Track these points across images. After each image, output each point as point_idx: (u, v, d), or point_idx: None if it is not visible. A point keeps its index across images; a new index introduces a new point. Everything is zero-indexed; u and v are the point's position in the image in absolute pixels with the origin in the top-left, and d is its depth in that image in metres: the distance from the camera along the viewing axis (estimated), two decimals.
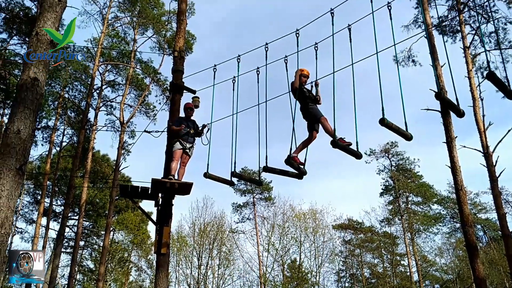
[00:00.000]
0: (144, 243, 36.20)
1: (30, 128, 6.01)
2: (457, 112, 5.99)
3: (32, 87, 6.19)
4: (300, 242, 37.19)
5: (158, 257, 8.11)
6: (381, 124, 5.76)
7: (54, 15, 6.78)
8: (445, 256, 39.72)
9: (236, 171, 7.72)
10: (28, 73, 6.26)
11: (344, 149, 6.43)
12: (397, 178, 39.82)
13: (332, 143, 6.27)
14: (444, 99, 5.74)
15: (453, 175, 12.93)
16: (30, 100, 6.10)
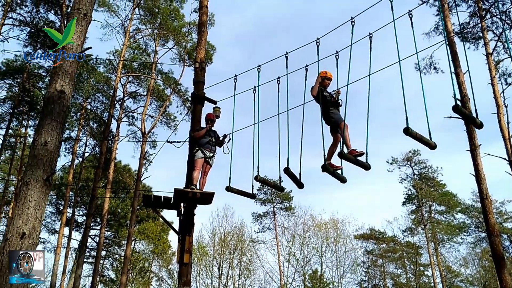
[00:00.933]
0: (165, 253, 36.39)
1: (56, 140, 6.14)
2: (476, 124, 5.93)
3: (58, 99, 6.33)
4: (321, 252, 36.91)
5: (181, 267, 8.14)
6: (405, 133, 5.71)
7: (80, 29, 6.94)
8: (470, 266, 38.86)
9: (260, 176, 7.72)
10: (55, 86, 6.40)
11: (352, 160, 6.42)
12: (420, 186, 39.23)
13: (340, 154, 6.26)
14: (461, 112, 5.64)
15: (478, 184, 12.69)
16: (57, 112, 6.24)
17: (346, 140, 6.68)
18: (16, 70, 23.45)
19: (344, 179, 7.01)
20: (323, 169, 6.59)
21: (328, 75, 7.43)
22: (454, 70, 12.39)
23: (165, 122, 26.79)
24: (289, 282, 35.83)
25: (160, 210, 9.89)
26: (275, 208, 40.39)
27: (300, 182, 7.34)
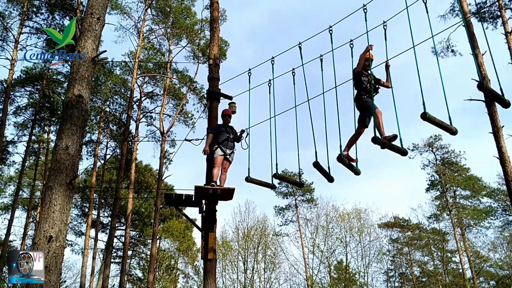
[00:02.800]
0: (190, 250, 36.72)
1: (77, 144, 6.24)
2: (503, 103, 5.75)
3: (77, 104, 6.42)
4: (346, 242, 36.69)
5: (205, 263, 8.21)
6: (423, 118, 5.61)
7: (94, 34, 7.02)
8: (499, 251, 38.18)
9: (278, 173, 7.68)
10: (73, 91, 6.50)
11: (387, 145, 6.25)
12: (443, 172, 38.67)
13: (373, 139, 6.12)
14: (487, 90, 5.51)
15: (502, 166, 12.47)
16: (76, 117, 6.33)
17: (379, 127, 6.52)
18: (35, 77, 23.88)
19: (358, 171, 6.91)
20: (338, 160, 6.52)
21: (370, 56, 6.98)
22: (472, 51, 12.15)
23: (182, 121, 26.97)
24: (314, 274, 35.81)
25: (182, 208, 9.97)
26: (296, 200, 40.37)
27: (330, 176, 7.22)
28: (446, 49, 20.03)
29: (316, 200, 40.39)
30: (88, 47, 6.84)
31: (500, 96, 5.58)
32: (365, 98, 6.88)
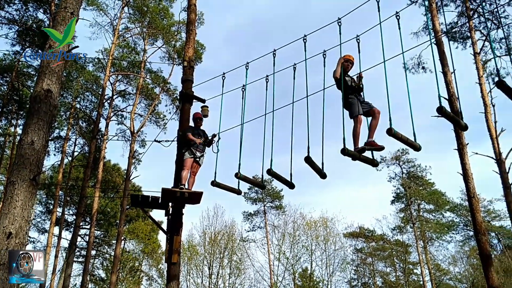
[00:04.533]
0: (155, 252, 36.30)
1: (43, 139, 6.11)
2: (459, 126, 5.95)
3: (45, 98, 6.29)
4: (311, 250, 37.04)
5: (169, 266, 8.13)
6: (388, 134, 5.72)
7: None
8: (459, 264, 39.20)
9: (241, 173, 7.61)
10: (42, 85, 6.37)
11: (356, 157, 6.36)
12: (409, 185, 39.50)
13: (342, 151, 6.18)
14: (446, 114, 5.64)
15: (465, 182, 12.82)
16: (43, 111, 6.21)
17: (355, 136, 6.55)
18: (4, 69, 23.22)
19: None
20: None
21: (350, 58, 7.13)
22: (441, 69, 12.49)
23: (154, 121, 26.72)
24: (279, 281, 35.92)
25: (148, 210, 9.88)
26: (265, 207, 40.48)
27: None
28: (417, 65, 20.55)
29: (284, 207, 40.62)
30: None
31: (458, 119, 5.76)
32: (351, 98, 6.86)
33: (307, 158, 6.78)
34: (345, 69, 7.09)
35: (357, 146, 6.52)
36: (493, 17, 18.46)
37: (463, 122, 5.78)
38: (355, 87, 6.97)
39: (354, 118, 6.70)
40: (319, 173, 6.97)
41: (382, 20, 6.56)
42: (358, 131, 6.60)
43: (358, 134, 6.60)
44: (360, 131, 6.63)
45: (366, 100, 6.97)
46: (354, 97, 6.87)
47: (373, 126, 6.60)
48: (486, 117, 16.40)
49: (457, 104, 11.41)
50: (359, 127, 6.64)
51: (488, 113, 16.38)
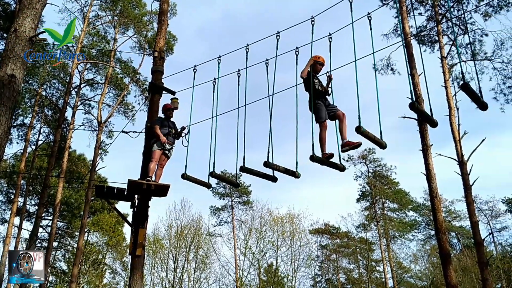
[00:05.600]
0: (120, 245, 35.77)
1: (5, 126, 5.92)
2: (431, 123, 6.10)
3: (9, 84, 6.09)
4: (277, 246, 37.30)
5: (133, 259, 8.03)
6: (357, 132, 5.83)
7: (34, 12, 6.70)
8: (419, 262, 40.34)
9: (215, 171, 7.62)
10: (5, 70, 6.16)
11: (325, 163, 6.46)
12: (374, 184, 40.28)
13: (311, 158, 6.26)
14: (418, 109, 5.81)
15: (428, 183, 13.16)
16: (6, 97, 6.01)
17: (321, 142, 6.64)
18: None
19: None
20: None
21: (320, 60, 7.12)
22: (410, 71, 12.74)
23: (122, 112, 26.26)
24: (244, 275, 36.06)
25: (114, 201, 9.73)
26: (233, 202, 40.51)
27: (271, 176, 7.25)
28: (387, 67, 20.90)
29: (252, 203, 40.76)
30: (26, 26, 6.51)
31: (429, 116, 5.91)
32: (317, 103, 6.87)
33: (266, 163, 6.83)
34: (315, 71, 7.13)
35: (324, 152, 6.63)
36: (460, 23, 18.96)
37: (434, 119, 5.93)
38: (322, 91, 7.01)
39: (320, 124, 6.79)
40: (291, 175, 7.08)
41: (354, 20, 6.64)
42: (324, 137, 6.71)
43: (324, 139, 6.72)
44: (326, 136, 6.74)
45: (332, 104, 7.04)
46: (320, 102, 6.91)
47: (342, 128, 6.70)
48: (450, 120, 16.84)
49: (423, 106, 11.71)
50: (325, 133, 6.76)
51: (453, 116, 16.82)
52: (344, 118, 6.72)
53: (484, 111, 5.56)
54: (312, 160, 6.25)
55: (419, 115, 5.79)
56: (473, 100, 5.50)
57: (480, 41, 19.55)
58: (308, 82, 6.92)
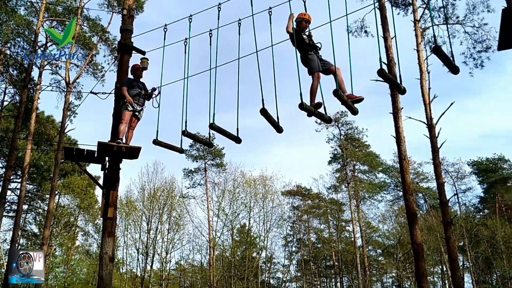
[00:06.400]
0: (92, 208, 35.61)
1: None
2: (398, 89, 6.12)
3: None
4: (250, 207, 37.86)
5: (105, 221, 8.01)
6: (334, 95, 5.81)
7: None
8: (387, 222, 41.69)
9: (188, 131, 7.48)
10: None
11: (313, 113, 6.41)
12: (346, 147, 40.90)
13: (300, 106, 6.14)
14: (385, 76, 5.77)
15: (398, 145, 13.42)
16: None
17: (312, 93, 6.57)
18: None
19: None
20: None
21: (306, 17, 7.04)
22: (382, 34, 12.74)
23: (91, 72, 25.52)
24: (217, 236, 36.61)
25: (85, 164, 9.59)
26: (206, 164, 40.56)
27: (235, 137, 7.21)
28: (360, 29, 20.82)
29: (225, 165, 40.96)
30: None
31: (396, 82, 5.92)
32: (310, 55, 6.79)
33: (263, 110, 6.71)
34: (302, 28, 7.06)
35: (313, 102, 6.59)
36: None
37: (401, 85, 5.94)
38: (311, 45, 6.96)
39: (313, 75, 6.73)
40: (275, 126, 6.97)
41: None
42: (315, 88, 6.67)
43: (316, 90, 6.67)
44: (317, 88, 6.69)
45: (324, 58, 6.99)
46: (313, 53, 6.86)
47: (340, 81, 6.59)
48: (421, 83, 17.03)
49: (395, 69, 11.79)
50: (317, 84, 6.70)
51: (423, 80, 17.00)
52: (339, 72, 6.63)
53: (455, 75, 5.61)
54: (301, 108, 6.16)
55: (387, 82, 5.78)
56: (445, 64, 5.53)
57: (452, 4, 19.65)
58: (295, 36, 6.81)
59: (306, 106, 6.24)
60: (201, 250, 39.12)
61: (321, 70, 6.78)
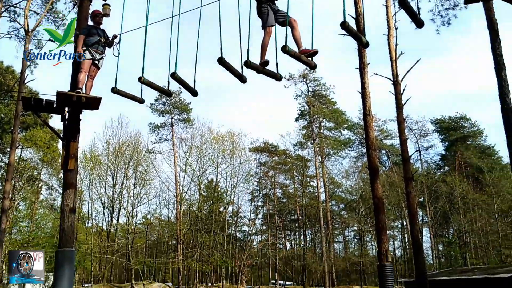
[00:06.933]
0: (55, 161, 34.92)
1: None
2: (361, 42, 6.02)
3: None
4: (217, 163, 38.04)
5: (65, 173, 7.84)
6: (282, 51, 5.63)
7: None
8: (351, 178, 42.82)
9: (145, 78, 7.08)
10: None
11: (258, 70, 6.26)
12: (313, 103, 41.13)
13: (245, 63, 6.04)
14: (348, 29, 5.64)
15: (363, 101, 13.54)
16: None
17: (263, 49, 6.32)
18: None
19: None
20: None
21: None
22: None
23: (52, 20, 24.36)
24: (184, 191, 36.79)
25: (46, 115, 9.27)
26: (173, 119, 40.11)
27: (193, 90, 7.06)
28: None
29: (192, 121, 40.66)
30: None
31: (359, 36, 5.81)
32: (264, 7, 6.52)
33: (220, 59, 6.47)
34: None
35: (263, 59, 6.41)
36: None
37: (364, 39, 5.86)
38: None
39: (264, 29, 6.46)
40: (237, 76, 6.74)
41: None
42: (266, 43, 6.42)
43: (266, 46, 6.41)
44: (268, 43, 6.46)
45: (281, 10, 6.73)
46: (267, 6, 6.54)
47: (296, 36, 6.37)
48: (389, 40, 17.05)
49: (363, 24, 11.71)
50: (268, 39, 6.44)
51: (391, 36, 17.02)
52: (296, 25, 6.43)
53: (419, 28, 5.60)
54: (246, 66, 6.04)
55: (350, 35, 5.66)
56: (410, 16, 5.49)
57: None
58: None
59: (251, 64, 6.07)
60: (168, 204, 39.38)
61: (277, 23, 6.47)
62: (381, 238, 12.78)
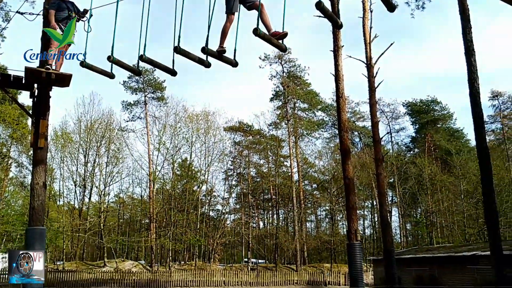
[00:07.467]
0: (25, 138, 34.15)
1: None
2: (335, 23, 6.05)
3: None
4: (192, 142, 37.90)
5: (35, 151, 7.75)
6: (254, 34, 5.62)
7: None
8: (323, 159, 43.35)
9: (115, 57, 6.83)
10: None
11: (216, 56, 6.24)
12: (288, 84, 41.23)
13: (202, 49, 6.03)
14: (323, 9, 5.65)
15: (336, 83, 13.68)
16: None
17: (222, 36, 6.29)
18: None
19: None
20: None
21: None
22: None
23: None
24: (158, 170, 36.60)
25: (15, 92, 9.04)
26: (146, 97, 39.60)
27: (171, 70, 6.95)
28: None
29: (166, 99, 40.25)
30: None
31: (333, 16, 5.83)
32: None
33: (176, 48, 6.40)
34: None
35: (221, 45, 6.38)
36: None
37: (339, 21, 5.89)
38: None
39: (227, 15, 6.41)
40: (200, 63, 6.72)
41: None
42: (226, 30, 6.37)
43: (226, 32, 6.36)
44: (228, 30, 6.39)
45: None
46: None
47: (264, 19, 6.36)
48: (363, 22, 17.20)
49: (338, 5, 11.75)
50: (229, 26, 6.37)
51: (366, 18, 17.15)
52: (263, 9, 6.41)
53: (391, 12, 5.63)
54: (204, 52, 6.05)
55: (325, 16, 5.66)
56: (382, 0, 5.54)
57: None
58: None
59: (207, 50, 6.09)
60: (141, 183, 39.18)
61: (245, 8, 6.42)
62: (351, 218, 13.09)
